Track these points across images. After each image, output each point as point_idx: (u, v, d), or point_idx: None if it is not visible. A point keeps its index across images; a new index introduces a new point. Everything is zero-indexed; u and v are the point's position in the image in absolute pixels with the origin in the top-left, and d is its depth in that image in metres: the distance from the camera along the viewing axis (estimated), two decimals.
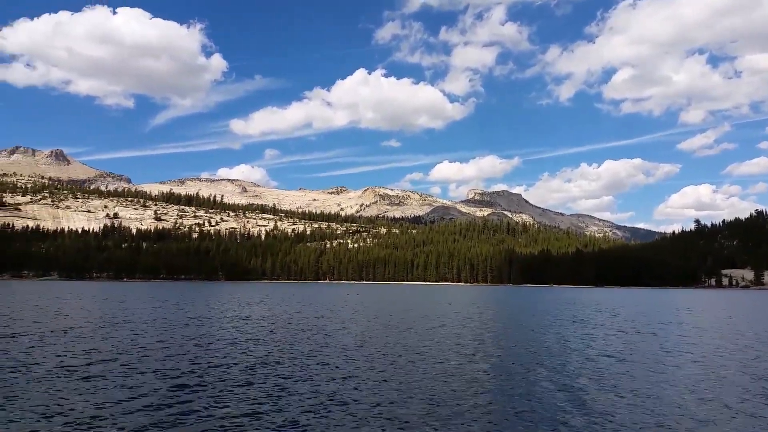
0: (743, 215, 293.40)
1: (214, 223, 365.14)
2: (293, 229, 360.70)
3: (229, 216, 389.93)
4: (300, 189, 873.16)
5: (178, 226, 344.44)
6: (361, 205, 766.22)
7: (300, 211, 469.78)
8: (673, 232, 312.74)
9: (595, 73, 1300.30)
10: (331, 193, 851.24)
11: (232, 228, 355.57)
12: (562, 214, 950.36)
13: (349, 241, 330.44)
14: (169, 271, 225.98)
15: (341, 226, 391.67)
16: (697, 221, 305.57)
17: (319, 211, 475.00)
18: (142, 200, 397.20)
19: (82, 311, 41.23)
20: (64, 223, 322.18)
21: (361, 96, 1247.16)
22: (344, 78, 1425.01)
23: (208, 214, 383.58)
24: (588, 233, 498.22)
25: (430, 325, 32.69)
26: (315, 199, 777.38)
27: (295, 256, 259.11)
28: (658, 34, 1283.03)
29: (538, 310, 52.33)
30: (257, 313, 40.91)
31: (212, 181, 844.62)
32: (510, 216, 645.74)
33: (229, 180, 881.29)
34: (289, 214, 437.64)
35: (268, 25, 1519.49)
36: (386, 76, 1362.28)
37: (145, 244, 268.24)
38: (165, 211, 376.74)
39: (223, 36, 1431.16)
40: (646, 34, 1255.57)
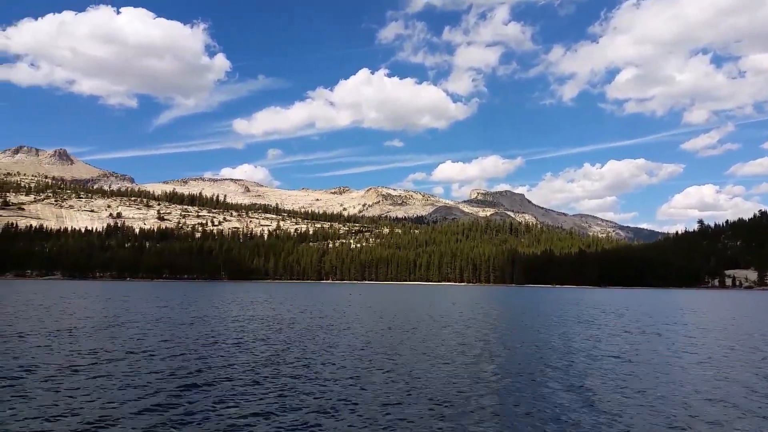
0: (747, 215, 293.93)
1: (217, 223, 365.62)
2: (296, 229, 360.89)
3: (232, 216, 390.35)
4: (303, 189, 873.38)
5: (181, 225, 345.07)
6: (364, 205, 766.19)
7: (303, 211, 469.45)
8: (677, 233, 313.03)
9: (598, 73, 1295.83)
10: (334, 193, 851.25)
11: (235, 228, 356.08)
12: (565, 215, 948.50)
13: (352, 241, 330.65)
14: (172, 270, 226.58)
15: (344, 226, 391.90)
16: (701, 221, 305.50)
17: (321, 211, 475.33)
18: (145, 200, 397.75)
19: (87, 311, 41.29)
20: (68, 223, 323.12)
21: (364, 96, 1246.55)
22: (347, 78, 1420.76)
23: (211, 214, 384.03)
24: (591, 233, 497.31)
25: (435, 326, 32.66)
26: (318, 199, 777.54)
27: (298, 256, 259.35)
28: (661, 33, 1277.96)
29: (542, 310, 52.26)
30: (261, 313, 40.94)
31: (215, 180, 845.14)
32: (513, 216, 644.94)
33: (232, 180, 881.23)
34: (292, 214, 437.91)
35: (271, 25, 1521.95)
36: (389, 75, 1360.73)
37: (148, 244, 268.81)
38: (168, 211, 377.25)
39: (226, 36, 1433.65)
40: (650, 33, 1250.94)
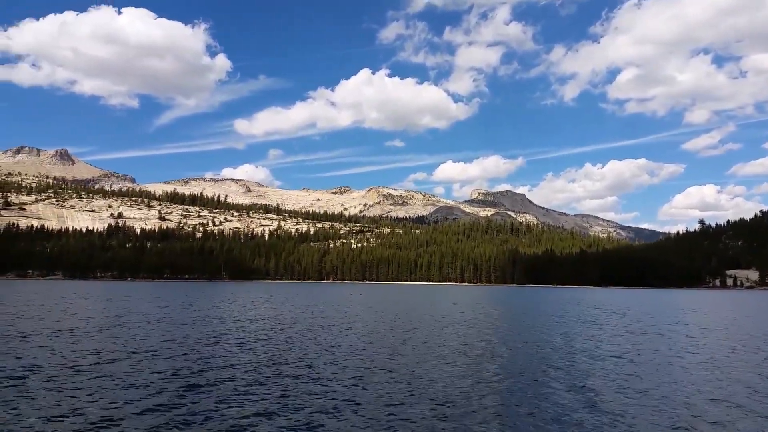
0: (748, 215, 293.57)
1: (218, 223, 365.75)
2: (297, 229, 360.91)
3: (232, 216, 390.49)
4: (304, 189, 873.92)
5: (182, 225, 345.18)
6: (365, 205, 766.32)
7: (303, 211, 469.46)
8: (678, 233, 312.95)
9: (599, 73, 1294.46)
10: (335, 193, 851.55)
11: (236, 228, 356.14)
12: (566, 215, 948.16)
13: (353, 241, 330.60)
14: (173, 270, 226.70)
15: (345, 226, 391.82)
16: (702, 221, 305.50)
17: (322, 211, 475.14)
18: (146, 200, 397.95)
19: (88, 311, 41.33)
20: (69, 223, 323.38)
21: (365, 96, 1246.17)
22: (348, 78, 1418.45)
23: (212, 214, 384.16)
24: (592, 233, 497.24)
25: (436, 326, 32.66)
26: (318, 199, 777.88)
27: (299, 256, 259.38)
28: (662, 33, 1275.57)
29: (543, 310, 52.23)
30: (263, 313, 40.95)
31: (216, 180, 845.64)
32: (514, 216, 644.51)
33: (233, 180, 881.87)
34: (293, 214, 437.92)
35: (272, 26, 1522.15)
36: (390, 76, 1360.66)
37: (149, 244, 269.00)
38: (169, 211, 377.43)
39: (227, 36, 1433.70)
40: (651, 33, 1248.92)
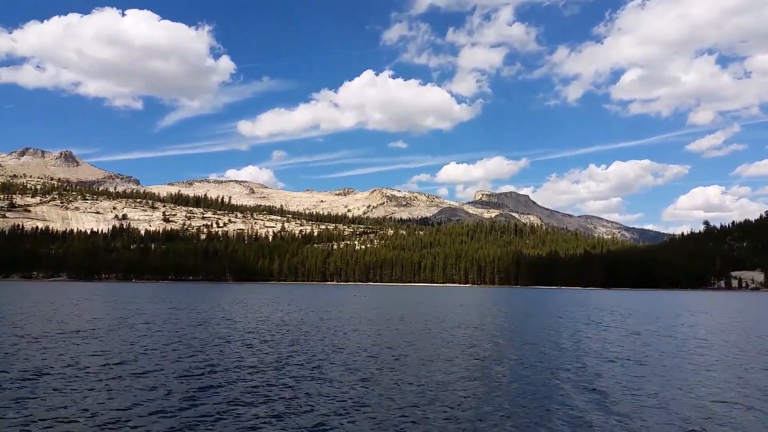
0: (753, 217, 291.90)
1: (222, 225, 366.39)
2: (300, 231, 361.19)
3: (236, 217, 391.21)
4: (307, 190, 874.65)
5: (186, 227, 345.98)
6: (369, 207, 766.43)
7: (307, 212, 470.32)
8: (682, 234, 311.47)
9: (603, 74, 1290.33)
10: (339, 194, 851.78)
11: (240, 229, 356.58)
12: (570, 216, 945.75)
13: (357, 243, 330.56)
14: (178, 272, 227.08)
15: (348, 228, 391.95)
16: (706, 223, 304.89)
17: (326, 213, 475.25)
18: (150, 201, 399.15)
19: (94, 313, 41.42)
20: (73, 224, 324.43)
21: (368, 97, 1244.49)
22: (351, 79, 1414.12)
23: (216, 216, 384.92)
24: (596, 235, 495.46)
25: (444, 328, 32.58)
26: (322, 201, 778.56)
27: (303, 258, 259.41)
28: (666, 34, 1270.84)
29: (549, 312, 52.08)
30: (269, 315, 40.94)
31: (220, 182, 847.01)
32: (517, 217, 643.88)
33: (236, 181, 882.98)
34: (297, 216, 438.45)
35: (276, 27, 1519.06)
36: (393, 77, 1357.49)
37: (153, 246, 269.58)
38: (173, 213, 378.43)
39: (231, 38, 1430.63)
40: (655, 34, 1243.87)
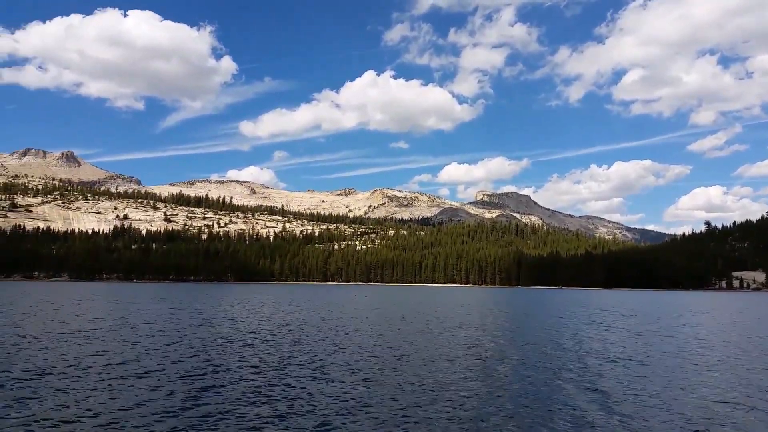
0: (754, 217, 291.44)
1: (223, 225, 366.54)
2: (302, 231, 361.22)
3: (238, 217, 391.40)
4: (308, 190, 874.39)
5: (187, 227, 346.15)
6: (370, 207, 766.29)
7: (308, 212, 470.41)
8: (684, 234, 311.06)
9: (604, 74, 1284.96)
10: (340, 194, 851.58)
11: (241, 229, 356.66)
12: (571, 216, 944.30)
13: (358, 243, 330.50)
14: (179, 272, 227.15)
15: (349, 228, 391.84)
16: (708, 223, 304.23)
17: (327, 213, 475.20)
18: (151, 202, 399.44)
19: (96, 313, 41.46)
20: (75, 225, 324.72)
21: (369, 97, 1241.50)
22: (353, 80, 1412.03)
23: (218, 216, 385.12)
24: (597, 235, 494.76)
25: (446, 328, 32.58)
26: (323, 201, 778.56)
27: (304, 258, 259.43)
28: (668, 34, 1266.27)
29: (551, 312, 52.04)
30: (271, 315, 40.98)
31: (221, 182, 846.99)
32: (519, 218, 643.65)
33: (238, 182, 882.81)
34: (298, 216, 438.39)
35: (277, 28, 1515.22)
36: (395, 77, 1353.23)
37: (154, 246, 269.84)
38: (174, 213, 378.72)
39: (232, 38, 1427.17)
40: (657, 34, 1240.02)
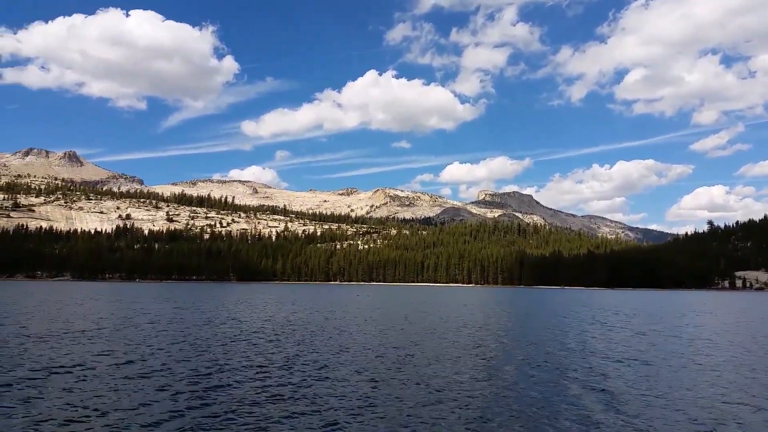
0: (757, 216, 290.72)
1: (225, 224, 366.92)
2: (304, 230, 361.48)
3: (240, 217, 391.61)
4: (310, 190, 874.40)
5: (189, 227, 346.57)
6: (372, 206, 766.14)
7: (310, 212, 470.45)
8: (686, 234, 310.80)
9: (607, 74, 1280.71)
10: (342, 194, 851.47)
11: (243, 229, 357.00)
12: (573, 216, 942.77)
13: (360, 242, 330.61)
14: (181, 271, 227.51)
15: (351, 227, 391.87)
16: (710, 222, 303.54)
17: (329, 212, 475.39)
18: (154, 201, 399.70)
19: (99, 312, 41.52)
20: (77, 224, 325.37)
21: (371, 97, 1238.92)
22: (355, 79, 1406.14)
23: (220, 215, 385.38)
24: (600, 234, 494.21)
25: (449, 328, 32.55)
26: (325, 200, 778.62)
27: (306, 257, 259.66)
28: (670, 34, 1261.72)
29: (554, 312, 51.98)
30: (274, 314, 40.99)
31: (223, 182, 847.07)
32: (521, 217, 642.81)
33: (240, 181, 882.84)
34: (300, 215, 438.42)
35: (279, 28, 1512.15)
36: (397, 77, 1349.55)
37: (157, 245, 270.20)
38: (177, 213, 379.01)
39: (235, 38, 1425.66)
40: (659, 34, 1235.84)
